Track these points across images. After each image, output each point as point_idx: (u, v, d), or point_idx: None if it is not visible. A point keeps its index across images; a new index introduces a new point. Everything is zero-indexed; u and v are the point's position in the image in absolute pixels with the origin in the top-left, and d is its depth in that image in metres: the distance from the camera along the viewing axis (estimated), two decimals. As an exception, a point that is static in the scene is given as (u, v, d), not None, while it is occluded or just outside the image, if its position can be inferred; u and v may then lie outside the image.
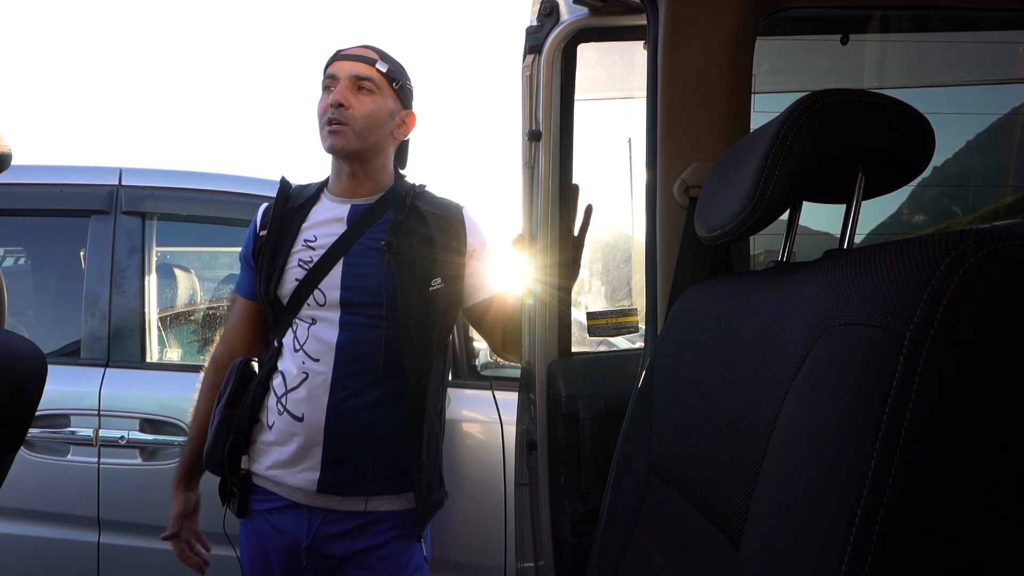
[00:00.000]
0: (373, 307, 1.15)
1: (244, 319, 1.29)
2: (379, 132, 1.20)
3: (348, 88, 1.17)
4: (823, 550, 0.39)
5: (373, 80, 1.19)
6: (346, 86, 1.17)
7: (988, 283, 0.37)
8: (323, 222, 1.21)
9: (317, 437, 1.13)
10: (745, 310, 0.62)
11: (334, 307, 1.16)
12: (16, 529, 1.60)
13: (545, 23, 1.12)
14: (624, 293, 1.79)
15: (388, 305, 1.14)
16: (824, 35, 1.28)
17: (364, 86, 1.18)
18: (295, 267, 1.17)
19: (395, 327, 1.14)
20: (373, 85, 1.19)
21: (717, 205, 0.67)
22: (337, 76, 1.18)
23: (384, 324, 1.14)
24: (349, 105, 1.16)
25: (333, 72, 1.19)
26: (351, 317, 1.15)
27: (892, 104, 0.55)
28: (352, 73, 1.18)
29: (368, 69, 1.19)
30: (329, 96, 1.18)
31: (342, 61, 1.19)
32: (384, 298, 1.14)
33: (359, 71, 1.18)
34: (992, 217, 1.54)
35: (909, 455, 0.37)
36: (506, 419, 1.57)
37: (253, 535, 1.20)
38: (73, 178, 1.76)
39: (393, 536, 1.18)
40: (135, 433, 1.58)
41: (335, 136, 1.16)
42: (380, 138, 1.20)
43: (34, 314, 1.87)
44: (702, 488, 0.62)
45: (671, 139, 0.92)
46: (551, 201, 1.14)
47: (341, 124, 1.16)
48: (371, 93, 1.19)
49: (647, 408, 0.81)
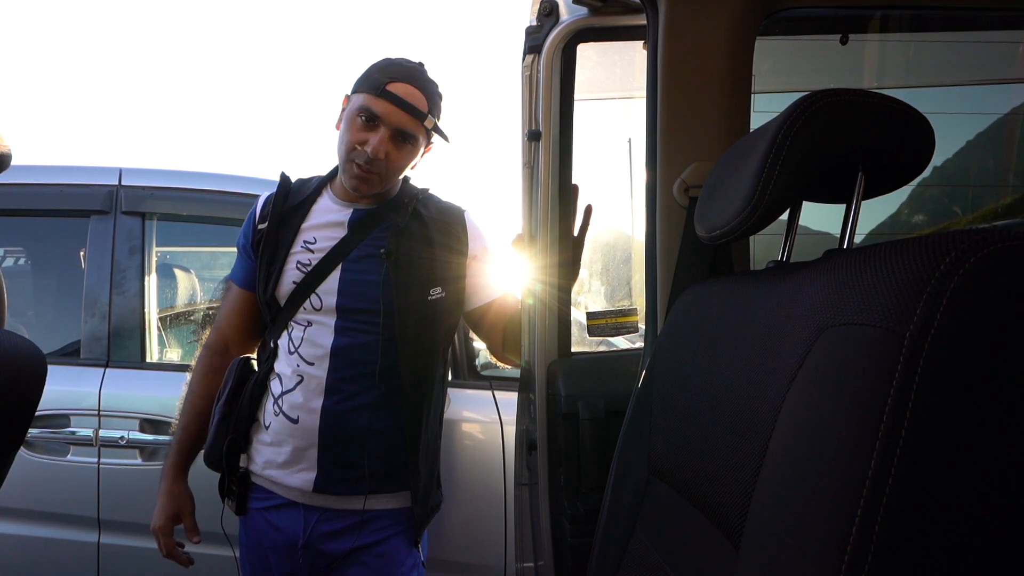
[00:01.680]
0: (370, 314, 1.14)
1: (237, 307, 1.27)
2: (398, 177, 1.18)
3: (390, 140, 1.12)
4: (823, 550, 0.39)
5: (416, 137, 1.14)
6: (389, 136, 1.11)
7: (988, 283, 0.37)
8: (324, 224, 1.19)
9: (312, 439, 1.13)
10: (745, 310, 0.62)
11: (330, 312, 1.15)
12: (16, 529, 1.60)
13: (545, 23, 1.12)
14: (624, 293, 1.79)
15: (385, 312, 1.13)
16: (824, 35, 1.28)
17: (408, 140, 1.13)
18: (293, 269, 1.16)
19: (392, 333, 1.14)
20: (415, 141, 1.15)
21: (717, 205, 0.67)
22: (383, 120, 1.10)
23: (381, 330, 1.14)
24: (386, 159, 1.12)
25: (379, 112, 1.10)
26: (347, 323, 1.14)
27: (892, 104, 0.55)
28: (400, 127, 1.11)
29: (417, 127, 1.13)
30: (367, 135, 1.11)
31: (393, 106, 1.10)
32: (381, 305, 1.13)
33: (406, 126, 1.12)
34: (992, 217, 1.54)
35: (909, 455, 0.37)
36: (506, 419, 1.57)
37: (252, 533, 1.20)
38: (73, 178, 1.76)
39: (390, 534, 1.18)
40: (135, 433, 1.58)
41: (362, 183, 1.13)
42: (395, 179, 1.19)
43: (34, 314, 1.87)
44: (702, 488, 0.62)
45: (671, 139, 0.92)
46: (551, 201, 1.14)
47: (370, 173, 1.12)
48: (408, 146, 1.14)
49: (647, 408, 0.81)
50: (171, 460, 1.23)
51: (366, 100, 1.11)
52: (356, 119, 1.12)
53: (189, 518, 1.22)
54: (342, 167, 1.16)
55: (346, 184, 1.16)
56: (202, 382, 1.26)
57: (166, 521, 1.20)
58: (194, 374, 1.28)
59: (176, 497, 1.21)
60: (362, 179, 1.13)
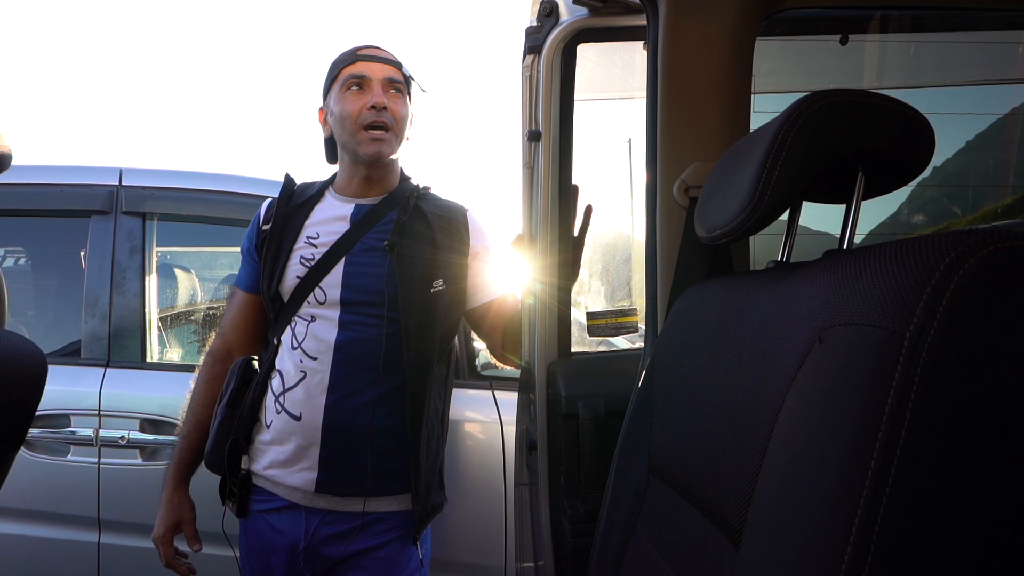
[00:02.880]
0: (374, 306, 1.15)
1: (242, 312, 1.28)
2: (405, 133, 1.22)
3: (385, 90, 1.17)
4: (823, 550, 0.39)
5: (402, 83, 1.20)
6: (384, 87, 1.17)
7: (988, 283, 0.37)
8: (326, 220, 1.21)
9: (315, 436, 1.13)
10: (745, 310, 0.62)
11: (334, 305, 1.15)
12: (16, 529, 1.60)
13: (545, 23, 1.12)
14: (624, 293, 1.79)
15: (389, 305, 1.14)
16: (824, 35, 1.28)
17: (397, 88, 1.19)
18: (297, 264, 1.17)
19: (395, 327, 1.14)
20: (403, 87, 1.20)
21: (717, 205, 0.67)
22: (369, 77, 1.17)
23: (384, 324, 1.14)
24: (390, 108, 1.16)
25: (363, 73, 1.17)
26: (351, 316, 1.15)
27: (892, 104, 0.55)
28: (386, 76, 1.17)
29: (398, 73, 1.19)
30: (363, 97, 1.16)
31: (371, 63, 1.18)
32: (385, 297, 1.14)
33: (391, 74, 1.18)
34: (992, 217, 1.54)
35: (909, 455, 0.37)
36: (506, 419, 1.57)
37: (252, 535, 1.20)
38: (73, 178, 1.76)
39: (391, 538, 1.18)
40: (135, 433, 1.58)
41: (380, 144, 1.16)
42: (403, 139, 1.22)
43: (34, 314, 1.87)
44: (702, 488, 0.62)
45: (671, 139, 0.92)
46: (551, 201, 1.14)
47: (384, 129, 1.15)
48: (400, 96, 1.20)
49: (647, 408, 0.81)
50: (171, 470, 1.24)
51: (347, 71, 1.17)
52: (346, 92, 1.17)
53: (189, 526, 1.23)
54: (353, 141, 1.17)
55: (363, 155, 1.17)
56: (204, 390, 1.27)
57: (165, 531, 1.21)
58: (197, 382, 1.28)
59: (176, 507, 1.22)
60: (378, 139, 1.16)
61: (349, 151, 1.19)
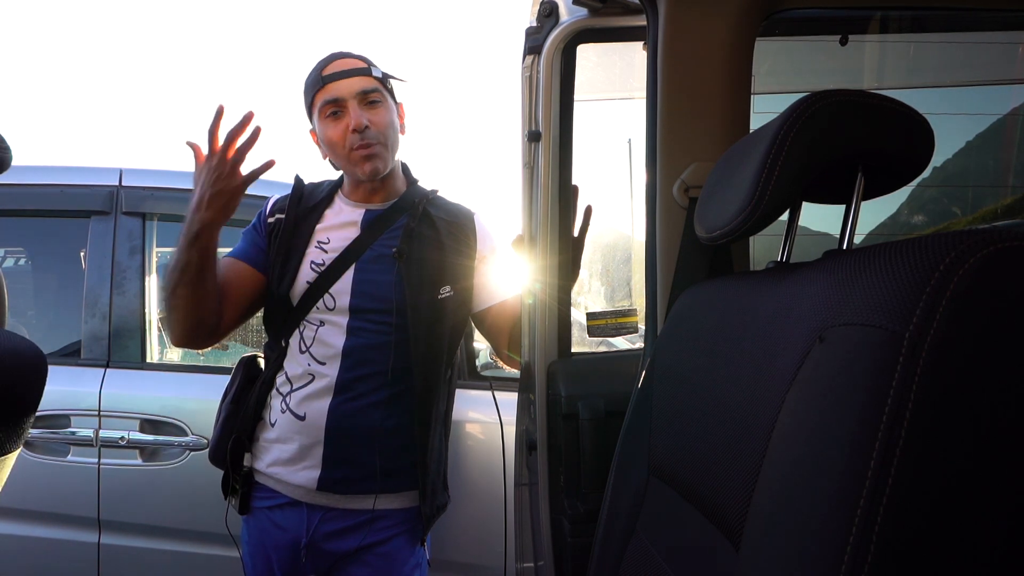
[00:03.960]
0: (382, 313, 1.15)
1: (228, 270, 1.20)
2: (397, 139, 1.20)
3: (361, 106, 1.14)
4: (823, 550, 0.39)
5: (378, 90, 1.16)
6: (359, 104, 1.13)
7: (988, 283, 0.37)
8: (337, 225, 1.21)
9: (318, 436, 1.13)
10: (745, 310, 0.62)
11: (343, 312, 1.16)
12: (16, 529, 1.60)
13: (545, 24, 1.12)
14: (624, 293, 1.79)
15: (398, 312, 1.14)
16: (824, 35, 1.28)
17: (373, 99, 1.15)
18: (307, 269, 1.17)
19: (403, 333, 1.14)
20: (380, 95, 1.16)
21: (717, 205, 0.67)
22: (342, 98, 1.13)
23: (393, 330, 1.15)
24: (371, 124, 1.13)
25: (334, 96, 1.13)
26: (359, 322, 1.15)
27: (892, 104, 0.55)
28: (357, 90, 1.13)
29: (370, 81, 1.15)
30: (343, 120, 1.13)
31: (339, 82, 1.13)
32: (394, 305, 1.14)
33: (363, 86, 1.14)
34: (992, 217, 1.54)
35: (909, 455, 0.37)
36: (506, 419, 1.57)
37: (255, 532, 1.20)
38: (73, 179, 1.76)
39: (394, 533, 1.18)
40: (135, 433, 1.58)
41: (374, 160, 1.14)
42: (398, 144, 1.21)
43: (34, 314, 1.87)
44: (702, 488, 0.62)
45: (671, 139, 0.92)
46: (551, 202, 1.14)
47: (371, 145, 1.13)
48: (380, 103, 1.16)
49: (647, 408, 0.81)
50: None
51: (320, 98, 1.15)
52: (326, 120, 1.15)
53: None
54: (348, 164, 1.17)
55: (362, 175, 1.17)
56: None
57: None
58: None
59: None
60: (369, 157, 1.14)
61: (347, 172, 1.20)
